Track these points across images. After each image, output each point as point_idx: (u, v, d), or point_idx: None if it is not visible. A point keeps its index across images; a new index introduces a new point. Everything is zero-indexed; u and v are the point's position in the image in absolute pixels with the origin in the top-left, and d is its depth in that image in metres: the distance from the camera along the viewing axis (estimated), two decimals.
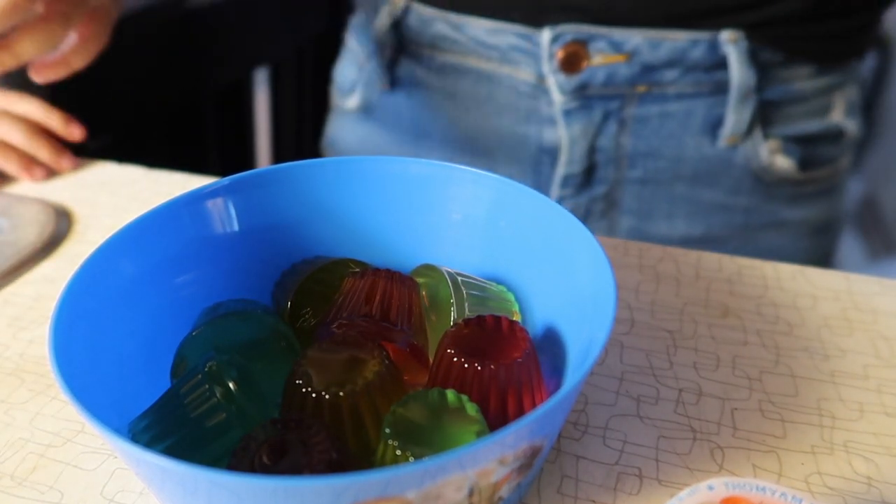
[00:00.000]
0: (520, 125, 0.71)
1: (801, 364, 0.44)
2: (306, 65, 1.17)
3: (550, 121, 0.69)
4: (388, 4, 0.73)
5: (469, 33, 0.69)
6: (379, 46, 0.74)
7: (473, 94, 0.72)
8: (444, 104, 0.74)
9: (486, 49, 0.69)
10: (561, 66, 0.65)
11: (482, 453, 0.27)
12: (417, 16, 0.71)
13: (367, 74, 0.78)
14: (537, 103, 0.69)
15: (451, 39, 0.70)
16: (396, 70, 0.76)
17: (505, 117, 0.71)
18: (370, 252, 0.44)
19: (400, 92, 0.76)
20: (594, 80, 0.65)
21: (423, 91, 0.75)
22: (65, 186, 0.63)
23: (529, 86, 0.68)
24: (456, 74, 0.72)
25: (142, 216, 0.38)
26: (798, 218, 0.72)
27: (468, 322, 0.37)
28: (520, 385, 0.35)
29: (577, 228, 0.37)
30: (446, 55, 0.71)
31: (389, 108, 0.78)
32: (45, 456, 0.38)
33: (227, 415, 0.32)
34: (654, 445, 0.38)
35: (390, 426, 0.32)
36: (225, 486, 0.26)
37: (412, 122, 0.77)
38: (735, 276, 0.51)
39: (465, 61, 0.70)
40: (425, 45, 0.72)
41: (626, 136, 0.68)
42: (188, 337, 0.37)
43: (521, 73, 0.68)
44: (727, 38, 0.62)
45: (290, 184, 0.42)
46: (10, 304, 0.49)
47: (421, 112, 0.76)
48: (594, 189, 0.71)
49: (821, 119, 0.69)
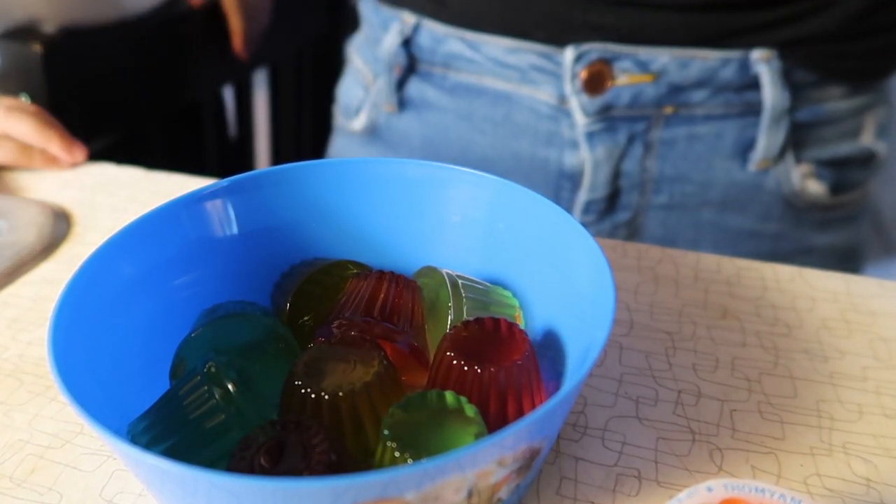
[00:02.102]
0: (539, 148, 0.68)
1: (800, 365, 0.44)
2: (305, 66, 1.17)
3: (572, 144, 0.66)
4: (398, 22, 0.70)
5: (486, 52, 0.66)
6: (387, 66, 0.72)
7: (490, 116, 0.69)
8: (458, 125, 0.71)
9: (505, 69, 0.66)
10: (584, 86, 0.62)
11: (481, 455, 0.27)
12: (429, 34, 0.69)
13: (375, 95, 0.75)
14: (558, 125, 0.66)
15: (466, 58, 0.67)
16: (405, 90, 0.73)
17: (523, 140, 0.68)
18: (369, 254, 0.44)
19: (409, 113, 0.73)
20: (619, 101, 0.63)
21: (435, 112, 0.72)
22: (64, 188, 0.63)
23: (550, 107, 0.66)
24: (471, 95, 0.69)
25: (141, 218, 0.38)
26: (826, 244, 0.69)
27: (468, 324, 0.37)
28: (519, 387, 0.35)
29: (576, 230, 0.37)
30: (460, 75, 0.69)
31: (398, 129, 0.75)
32: (44, 457, 0.38)
33: (227, 416, 0.32)
34: (653, 447, 0.38)
35: (389, 428, 0.32)
36: (224, 488, 0.26)
37: (423, 144, 0.74)
38: (734, 278, 0.51)
39: (481, 81, 0.68)
40: (437, 64, 0.70)
41: (653, 159, 0.65)
42: (187, 338, 0.37)
43: (540, 94, 0.66)
44: (759, 57, 0.60)
45: (288, 185, 0.42)
46: (9, 305, 0.49)
47: (432, 133, 0.73)
48: (617, 215, 0.68)
49: (852, 141, 0.66)
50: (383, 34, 0.72)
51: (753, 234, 0.68)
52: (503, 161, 0.70)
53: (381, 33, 0.73)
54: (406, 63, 0.71)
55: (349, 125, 0.80)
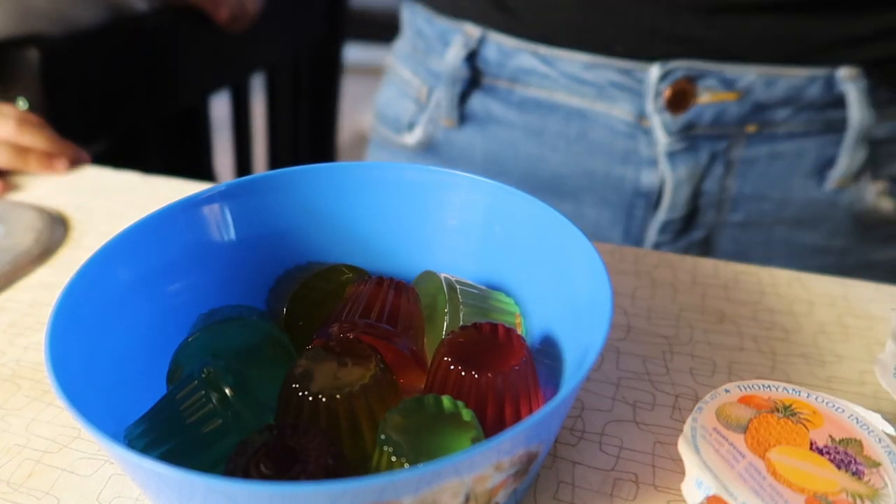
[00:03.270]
0: (615, 166, 0.66)
1: (798, 370, 0.44)
2: (303, 70, 1.17)
3: (650, 162, 0.65)
4: (461, 34, 0.68)
5: (561, 68, 0.64)
6: (450, 79, 0.69)
7: (563, 132, 0.67)
8: (527, 141, 0.69)
9: (581, 85, 0.64)
10: (667, 104, 0.61)
11: (478, 459, 0.27)
12: (497, 47, 0.66)
13: (432, 109, 0.72)
14: (635, 143, 0.64)
15: (539, 74, 0.65)
16: (468, 104, 0.70)
17: (598, 157, 0.66)
18: (366, 258, 0.44)
19: (470, 127, 0.71)
20: (701, 120, 0.62)
21: (500, 127, 0.70)
22: (60, 192, 0.63)
23: (627, 124, 0.64)
24: (541, 110, 0.67)
25: (138, 222, 0.38)
26: (887, 258, 0.69)
27: (465, 330, 0.37)
28: (517, 393, 0.35)
29: (573, 234, 0.37)
30: (529, 90, 0.67)
31: (457, 144, 0.73)
32: (41, 462, 0.38)
33: (223, 421, 0.32)
34: (651, 451, 0.38)
35: (386, 432, 0.32)
36: (221, 492, 0.25)
37: (485, 160, 0.72)
38: (731, 282, 0.51)
39: (553, 97, 0.66)
40: (503, 78, 0.67)
41: (732, 178, 0.64)
42: (184, 343, 0.37)
43: (617, 111, 0.64)
44: (845, 76, 0.59)
45: (286, 190, 0.42)
46: (6, 310, 0.49)
47: (497, 149, 0.71)
48: (693, 234, 0.67)
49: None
50: (442, 47, 0.70)
51: (821, 249, 0.67)
52: (575, 178, 0.68)
53: (439, 46, 0.71)
54: (469, 77, 0.69)
55: (397, 139, 0.77)
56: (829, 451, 0.33)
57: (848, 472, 0.32)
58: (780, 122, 0.62)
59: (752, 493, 0.31)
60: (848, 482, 0.32)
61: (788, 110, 0.61)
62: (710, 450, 0.33)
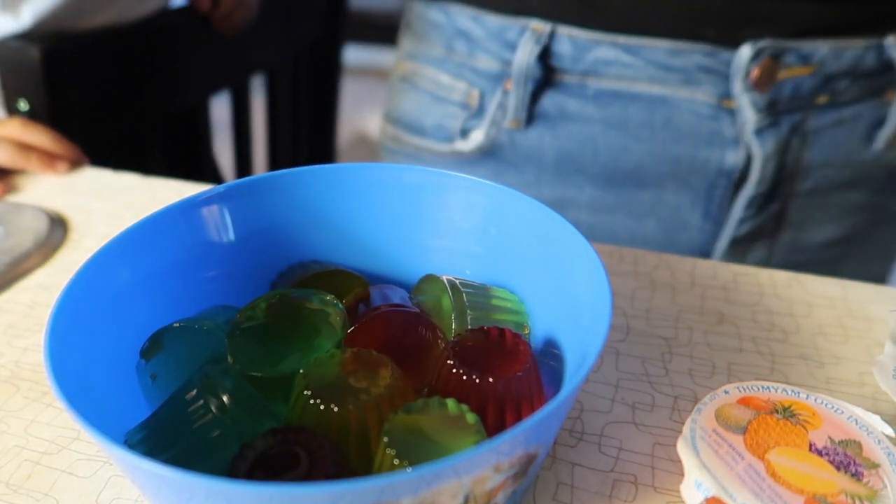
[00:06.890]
0: (700, 150, 0.68)
1: (797, 371, 0.44)
2: (302, 71, 1.17)
3: (734, 142, 0.67)
4: (529, 31, 0.66)
5: (646, 56, 0.64)
6: (523, 79, 0.67)
7: (647, 122, 0.67)
8: (608, 134, 0.68)
9: (668, 72, 0.65)
10: (754, 83, 0.63)
11: (477, 460, 0.27)
12: (570, 41, 0.65)
13: (495, 112, 0.70)
14: (719, 125, 0.66)
15: (621, 64, 0.65)
16: (538, 103, 0.69)
17: (683, 143, 0.67)
18: (365, 259, 0.44)
19: (539, 127, 0.70)
20: (781, 95, 0.65)
21: (576, 123, 0.69)
22: (60, 194, 0.63)
23: (710, 107, 0.66)
24: (621, 102, 0.67)
25: (137, 223, 0.38)
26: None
27: (471, 333, 0.37)
28: (519, 399, 0.35)
29: (572, 235, 0.37)
30: (605, 81, 0.66)
31: (524, 145, 0.71)
32: (40, 463, 0.38)
33: (223, 430, 0.32)
34: (650, 452, 0.38)
35: (389, 434, 0.31)
36: (221, 494, 0.25)
37: (558, 158, 0.70)
38: (730, 284, 0.51)
39: (632, 87, 0.66)
40: (576, 73, 0.66)
41: (807, 149, 0.67)
42: (170, 327, 0.37)
43: (700, 95, 0.65)
44: (893, 42, 0.63)
45: (285, 191, 0.43)
46: (5, 311, 0.49)
47: (572, 146, 0.70)
48: (771, 207, 0.70)
49: None
50: (498, 46, 0.68)
51: (864, 207, 0.72)
52: (659, 165, 0.69)
53: (494, 45, 0.69)
54: (540, 75, 0.67)
55: (442, 147, 0.75)
56: (828, 453, 0.33)
57: (847, 473, 0.33)
58: (844, 90, 0.66)
59: (752, 495, 0.31)
60: (847, 483, 0.32)
61: (849, 79, 0.65)
62: (710, 451, 0.33)
